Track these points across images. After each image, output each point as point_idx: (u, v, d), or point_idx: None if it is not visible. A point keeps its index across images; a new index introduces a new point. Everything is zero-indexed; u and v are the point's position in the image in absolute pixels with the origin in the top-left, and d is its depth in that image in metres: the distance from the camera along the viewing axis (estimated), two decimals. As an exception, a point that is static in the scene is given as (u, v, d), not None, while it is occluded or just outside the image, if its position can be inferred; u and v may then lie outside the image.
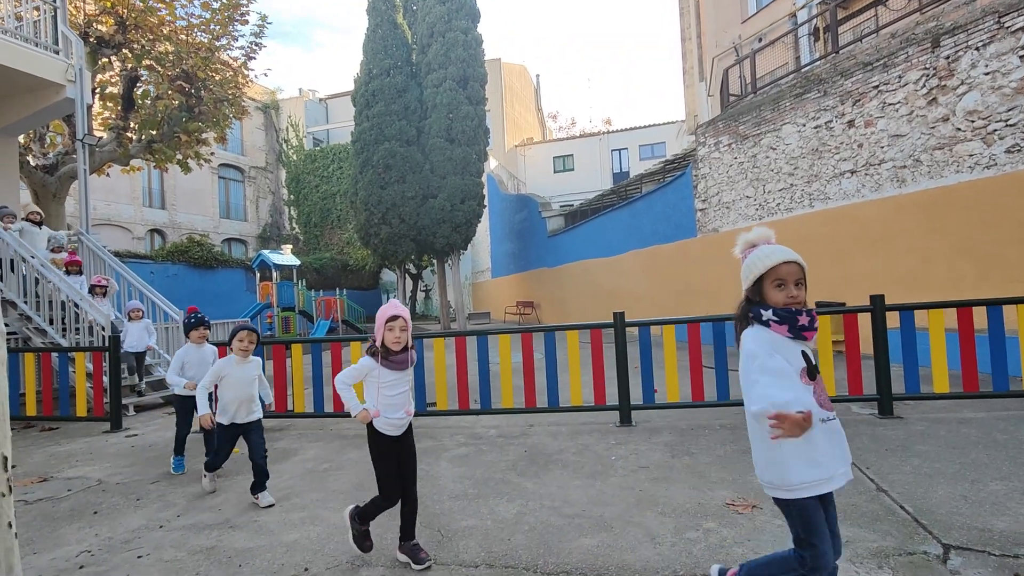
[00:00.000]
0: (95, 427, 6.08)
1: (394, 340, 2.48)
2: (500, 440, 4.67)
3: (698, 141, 11.47)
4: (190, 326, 4.28)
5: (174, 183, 26.03)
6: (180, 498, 3.64)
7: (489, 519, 3.02)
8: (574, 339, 5.21)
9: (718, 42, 14.53)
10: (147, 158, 11.79)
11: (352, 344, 5.70)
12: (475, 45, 18.23)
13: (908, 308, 4.68)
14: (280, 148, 32.45)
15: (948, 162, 7.02)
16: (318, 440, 5.04)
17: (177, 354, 4.21)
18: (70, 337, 7.16)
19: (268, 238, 30.92)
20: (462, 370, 5.34)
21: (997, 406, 4.67)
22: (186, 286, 17.31)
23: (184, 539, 2.97)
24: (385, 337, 2.49)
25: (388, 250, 18.45)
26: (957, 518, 2.68)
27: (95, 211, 22.40)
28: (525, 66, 37.89)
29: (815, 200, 8.88)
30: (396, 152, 17.60)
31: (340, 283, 24.40)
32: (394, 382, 2.54)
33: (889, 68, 7.66)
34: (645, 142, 31.59)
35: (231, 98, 12.01)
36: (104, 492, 3.86)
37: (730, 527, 2.74)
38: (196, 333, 4.26)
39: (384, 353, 2.50)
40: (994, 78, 6.52)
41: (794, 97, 9.15)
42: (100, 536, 3.07)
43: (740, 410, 5.06)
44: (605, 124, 52.93)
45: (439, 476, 3.81)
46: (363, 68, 18.51)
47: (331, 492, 3.60)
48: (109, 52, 10.39)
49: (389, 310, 2.49)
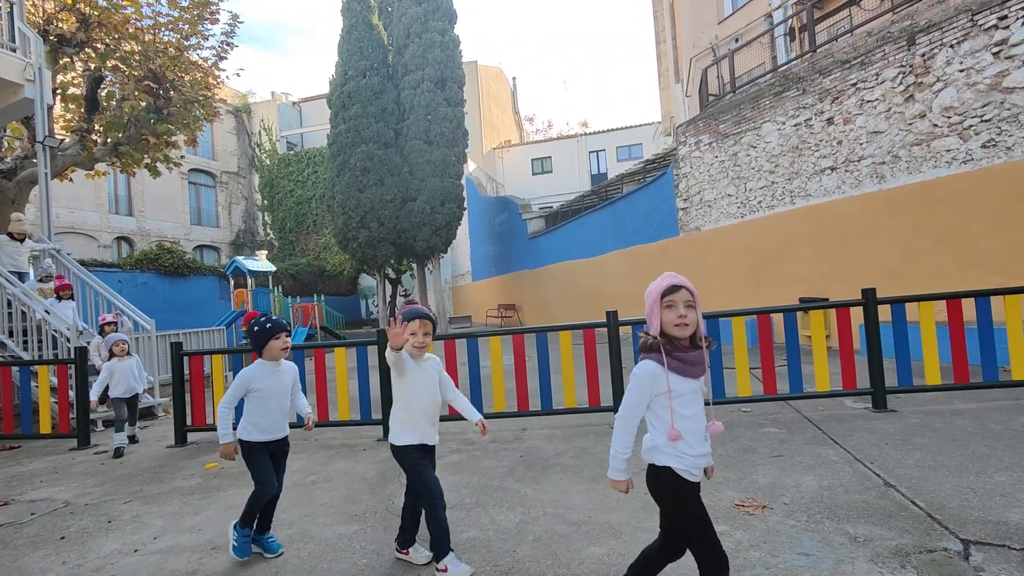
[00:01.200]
0: (61, 444, 5.74)
1: (678, 321, 1.71)
2: (494, 445, 4.52)
3: (679, 140, 11.52)
4: (267, 334, 2.76)
5: (142, 189, 25.20)
6: (156, 519, 3.40)
7: (491, 529, 2.87)
8: (567, 340, 5.10)
9: (695, 43, 14.67)
10: (113, 162, 11.31)
11: (336, 350, 5.48)
12: (452, 46, 18.09)
13: (899, 301, 4.69)
14: (253, 152, 31.73)
15: (926, 158, 7.14)
16: (303, 451, 4.82)
17: (239, 383, 2.76)
18: (32, 350, 6.77)
19: (242, 244, 30.18)
20: (451, 374, 5.17)
21: (987, 396, 4.71)
22: (157, 295, 16.71)
23: (162, 564, 2.75)
24: (664, 320, 1.74)
25: (367, 254, 18.15)
26: (970, 512, 2.64)
27: (58, 218, 21.53)
28: (502, 69, 37.88)
29: (796, 197, 8.97)
30: (374, 155, 17.34)
31: (317, 289, 23.92)
32: (690, 395, 1.75)
33: (866, 66, 7.77)
34: (622, 143, 31.83)
35: (201, 99, 11.61)
36: (72, 515, 3.59)
37: (743, 529, 2.64)
38: (279, 344, 2.79)
39: (668, 346, 1.74)
40: (969, 75, 6.65)
41: (773, 95, 9.24)
42: (68, 564, 2.83)
43: (736, 408, 5.04)
44: (582, 127, 53.30)
45: (434, 485, 3.64)
46: (338, 69, 18.20)
47: (320, 506, 3.41)
48: (71, 51, 9.93)
49: (665, 280, 1.74)
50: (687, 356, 1.75)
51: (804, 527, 2.60)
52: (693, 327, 1.74)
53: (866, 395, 4.74)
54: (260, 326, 2.77)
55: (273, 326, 2.78)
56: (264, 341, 2.77)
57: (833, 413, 4.68)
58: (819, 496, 2.95)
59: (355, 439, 5.09)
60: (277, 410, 2.80)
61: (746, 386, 4.86)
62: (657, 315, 1.75)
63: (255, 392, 2.74)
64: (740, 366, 4.85)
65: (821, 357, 4.77)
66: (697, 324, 1.75)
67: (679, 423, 1.75)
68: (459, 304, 29.83)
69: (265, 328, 2.77)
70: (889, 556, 2.28)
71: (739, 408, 5.03)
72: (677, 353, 1.74)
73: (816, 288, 8.46)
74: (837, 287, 7.96)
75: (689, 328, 1.73)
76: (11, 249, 7.53)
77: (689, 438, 1.75)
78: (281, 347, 2.79)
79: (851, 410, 4.74)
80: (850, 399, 5.02)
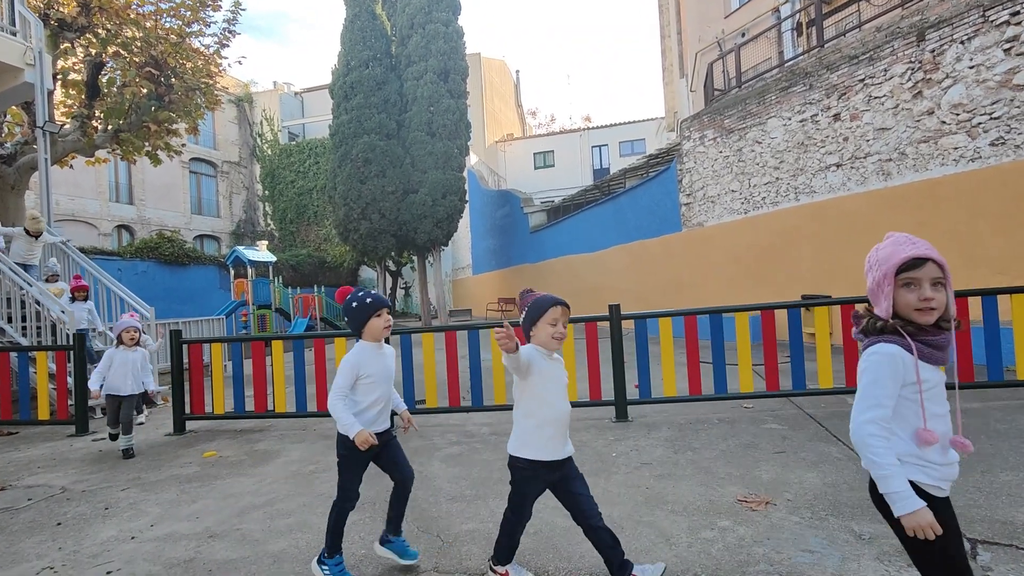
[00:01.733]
0: (59, 431, 5.72)
1: (922, 306, 1.38)
2: (494, 438, 4.49)
3: (683, 135, 11.44)
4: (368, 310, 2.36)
5: (143, 177, 25.10)
6: (154, 506, 3.38)
7: (491, 522, 2.84)
8: (568, 333, 5.05)
9: (701, 37, 14.55)
10: (113, 149, 11.25)
11: (336, 340, 5.45)
12: (456, 38, 17.96)
13: (904, 299, 4.64)
14: (254, 142, 31.59)
15: (933, 155, 7.07)
16: (301, 441, 4.80)
17: (348, 370, 2.33)
18: (30, 336, 6.74)
19: (242, 235, 30.09)
20: (452, 366, 5.15)
21: (992, 396, 4.68)
22: (157, 284, 16.66)
23: (159, 551, 2.73)
24: (900, 303, 1.40)
25: (368, 246, 18.08)
26: (976, 511, 2.61)
27: (58, 206, 21.46)
28: (505, 61, 37.69)
29: (800, 194, 8.91)
30: (376, 146, 17.24)
31: (318, 280, 23.86)
32: (939, 387, 1.46)
33: (875, 61, 7.69)
34: (625, 139, 31.68)
35: (203, 87, 11.54)
36: (69, 501, 3.57)
37: (746, 525, 2.61)
38: (379, 322, 2.37)
39: (909, 327, 1.41)
40: (979, 71, 6.58)
41: (780, 91, 9.16)
42: (64, 550, 2.80)
43: (737, 404, 5.00)
44: (585, 121, 53.11)
45: (434, 477, 3.62)
46: (341, 59, 18.08)
47: (319, 496, 3.38)
48: (72, 36, 9.85)
49: (903, 249, 1.40)
50: (935, 339, 1.40)
51: (808, 524, 2.58)
52: (940, 311, 1.38)
53: (869, 393, 4.70)
54: (359, 301, 2.37)
55: (374, 301, 2.38)
56: (364, 319, 2.37)
57: (835, 410, 4.65)
58: (823, 493, 2.92)
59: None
60: (385, 399, 2.44)
61: (748, 382, 4.82)
62: (888, 294, 1.39)
63: (365, 379, 2.36)
64: (743, 362, 4.82)
65: (825, 354, 4.74)
66: (946, 306, 1.39)
67: (932, 423, 1.42)
68: (459, 298, 29.81)
69: (365, 304, 2.37)
70: (896, 554, 2.25)
71: (741, 404, 5.00)
72: (923, 336, 1.39)
73: (818, 286, 8.42)
74: (840, 285, 7.92)
75: (936, 313, 1.38)
76: (25, 243, 7.61)
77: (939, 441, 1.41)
78: (384, 325, 2.39)
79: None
80: (851, 396, 4.98)
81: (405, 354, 5.19)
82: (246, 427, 5.46)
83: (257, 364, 5.38)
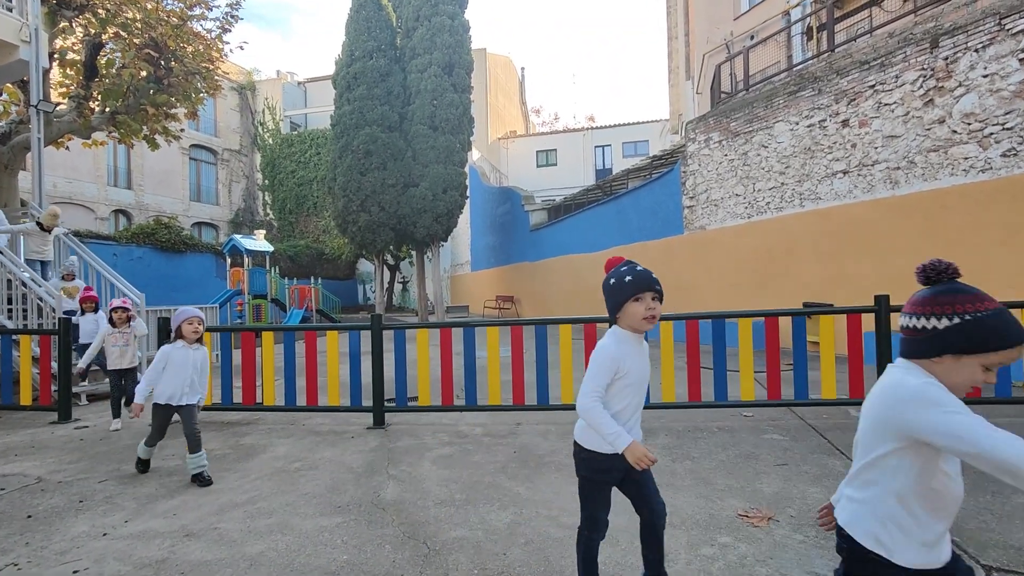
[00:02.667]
0: (41, 417, 5.58)
1: None
2: (487, 439, 4.37)
3: (688, 137, 11.31)
4: (624, 291, 1.83)
5: (141, 162, 24.89)
6: (130, 500, 3.25)
7: (480, 529, 2.72)
8: (567, 334, 4.94)
9: (709, 39, 14.41)
10: (110, 131, 11.07)
11: (329, 334, 5.31)
12: (462, 31, 17.78)
13: (912, 310, 4.52)
14: (255, 131, 31.36)
15: (943, 164, 6.96)
16: (288, 436, 4.67)
17: (608, 365, 1.82)
18: (16, 319, 6.59)
19: (240, 223, 29.89)
20: (447, 364, 5.02)
21: (998, 412, 4.56)
22: (152, 270, 16.50)
23: (130, 550, 2.59)
24: None
25: (366, 239, 17.92)
26: (989, 535, 2.49)
27: (55, 188, 21.26)
28: (510, 58, 37.48)
29: (806, 200, 8.78)
30: (377, 137, 17.07)
31: (315, 272, 23.71)
32: None
33: (886, 68, 7.56)
34: (628, 139, 31.52)
35: (203, 72, 11.36)
36: (43, 492, 3.43)
37: (747, 542, 2.49)
38: (639, 308, 1.82)
39: None
40: (992, 81, 6.45)
41: (788, 95, 9.03)
42: (31, 545, 2.67)
43: (738, 412, 4.88)
44: (588, 121, 52.94)
45: (423, 478, 3.49)
46: (345, 49, 17.89)
47: (303, 495, 3.25)
48: (70, 14, 9.66)
49: None
50: None
51: (813, 543, 2.45)
52: None
53: (873, 405, 4.58)
54: (616, 278, 1.84)
55: (633, 281, 1.80)
56: (619, 302, 1.83)
57: (838, 422, 4.53)
58: (827, 510, 2.80)
59: (343, 426, 4.94)
60: (637, 407, 1.88)
61: (750, 390, 4.71)
62: None
63: (621, 379, 1.81)
64: (744, 369, 4.70)
65: (829, 364, 4.62)
66: None
67: None
68: (457, 294, 29.66)
69: (623, 284, 1.81)
70: (906, 580, 2.13)
71: (740, 412, 4.89)
72: None
73: (820, 293, 8.30)
74: (843, 292, 7.81)
75: None
76: (39, 239, 7.56)
77: None
78: (645, 314, 1.79)
79: (856, 420, 4.58)
80: (854, 408, 4.87)
81: (399, 349, 5.06)
82: (233, 420, 5.32)
83: (246, 355, 5.25)
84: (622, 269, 1.87)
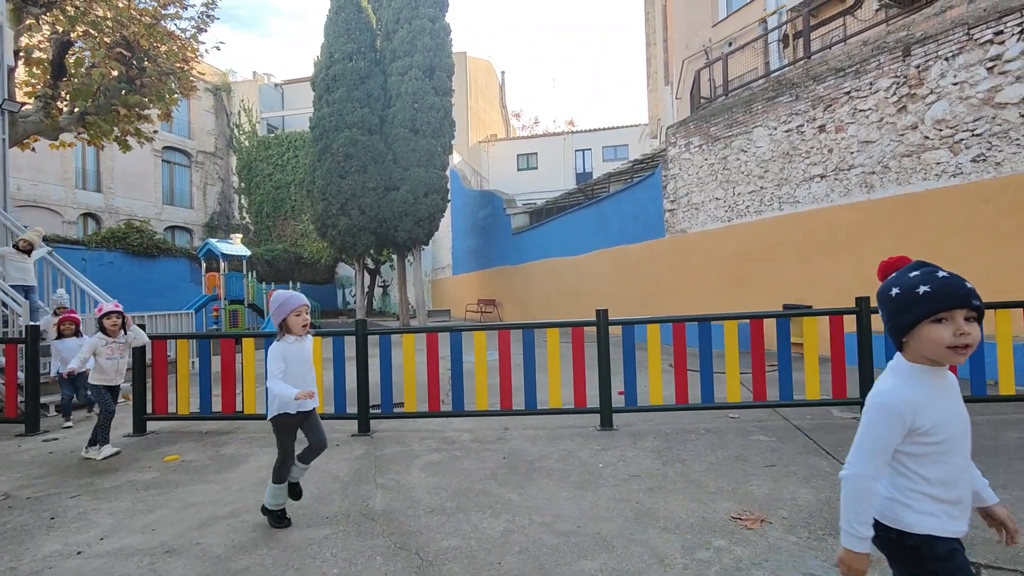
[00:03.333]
0: (6, 430, 5.34)
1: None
2: (475, 445, 4.32)
3: (668, 141, 11.43)
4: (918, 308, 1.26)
5: (112, 164, 24.20)
6: (106, 516, 3.11)
7: (473, 538, 2.67)
8: (554, 337, 4.92)
9: (688, 44, 14.62)
10: (79, 132, 10.73)
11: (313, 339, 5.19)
12: (442, 34, 17.72)
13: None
14: (231, 133, 30.78)
15: (916, 169, 7.14)
16: (271, 445, 4.52)
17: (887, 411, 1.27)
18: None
19: (216, 227, 29.28)
20: (433, 369, 4.96)
21: (975, 411, 4.67)
22: (123, 275, 16.01)
23: (107, 569, 2.48)
24: None
25: (346, 242, 17.69)
26: (975, 531, 2.52)
27: (20, 191, 20.52)
28: (491, 62, 37.53)
29: (784, 203, 8.94)
30: (357, 140, 16.89)
31: (293, 276, 23.35)
32: None
33: (861, 75, 7.75)
34: (608, 144, 31.80)
35: (177, 72, 11.09)
36: (11, 509, 3.27)
37: (742, 545, 2.49)
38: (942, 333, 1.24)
39: None
40: (962, 88, 6.66)
41: (766, 100, 9.19)
42: (0, 566, 2.53)
43: (724, 414, 4.92)
44: (568, 125, 53.24)
45: (412, 486, 3.42)
46: (324, 51, 17.68)
47: (288, 506, 3.15)
48: (36, 11, 9.34)
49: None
50: None
51: (807, 545, 2.47)
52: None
53: (855, 405, 4.67)
54: (905, 290, 1.29)
55: (936, 292, 1.24)
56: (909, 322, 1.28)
57: (822, 422, 4.59)
58: (818, 510, 2.82)
59: (328, 434, 4.81)
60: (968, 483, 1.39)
61: (736, 392, 4.74)
62: None
63: (924, 436, 1.28)
64: (731, 371, 4.73)
65: (812, 365, 4.68)
66: None
67: None
68: (438, 298, 29.47)
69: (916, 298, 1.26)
70: (900, 579, 2.15)
71: (726, 414, 4.92)
72: None
73: (799, 295, 8.45)
74: (821, 294, 7.96)
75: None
76: (18, 263, 6.95)
77: None
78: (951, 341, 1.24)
79: (839, 420, 4.67)
80: (837, 408, 4.95)
81: (384, 355, 4.98)
82: (212, 429, 5.17)
83: (226, 362, 5.10)
84: (911, 276, 1.30)
